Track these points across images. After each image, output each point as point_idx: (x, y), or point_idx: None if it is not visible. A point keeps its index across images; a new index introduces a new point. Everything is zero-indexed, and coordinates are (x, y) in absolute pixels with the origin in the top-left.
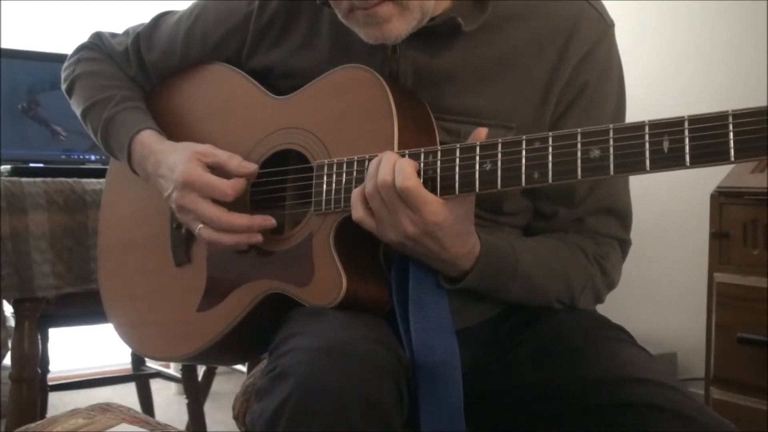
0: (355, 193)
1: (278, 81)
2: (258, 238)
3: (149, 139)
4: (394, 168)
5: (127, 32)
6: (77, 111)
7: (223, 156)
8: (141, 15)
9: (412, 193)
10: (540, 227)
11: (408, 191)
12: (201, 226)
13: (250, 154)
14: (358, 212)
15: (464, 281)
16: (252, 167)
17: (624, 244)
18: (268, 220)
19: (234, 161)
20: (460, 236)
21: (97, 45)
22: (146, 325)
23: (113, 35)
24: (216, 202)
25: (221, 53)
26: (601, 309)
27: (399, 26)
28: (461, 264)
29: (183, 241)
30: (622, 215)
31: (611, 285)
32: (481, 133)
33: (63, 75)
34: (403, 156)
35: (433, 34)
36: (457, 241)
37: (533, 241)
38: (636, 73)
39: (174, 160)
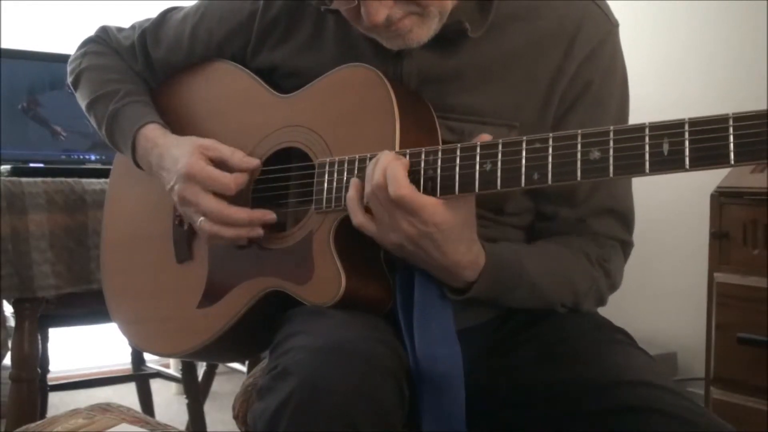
0: (350, 197)
1: (283, 80)
2: (258, 231)
3: (153, 133)
4: (386, 174)
5: (133, 27)
6: (82, 104)
7: (226, 151)
8: (142, 15)
9: (407, 201)
10: (542, 228)
11: (403, 200)
12: (202, 218)
13: (253, 152)
14: (357, 217)
15: (469, 292)
16: (254, 162)
17: (626, 246)
18: (268, 215)
19: (237, 156)
20: (461, 242)
21: (104, 39)
22: (147, 321)
23: (120, 29)
24: (218, 196)
25: (226, 51)
26: (602, 309)
27: (421, 33)
28: (465, 274)
29: (185, 238)
30: (623, 216)
31: (613, 287)
32: (484, 138)
33: (69, 68)
34: (404, 155)
35: (440, 37)
36: (457, 247)
37: (537, 248)
38: (636, 73)
39: (177, 153)
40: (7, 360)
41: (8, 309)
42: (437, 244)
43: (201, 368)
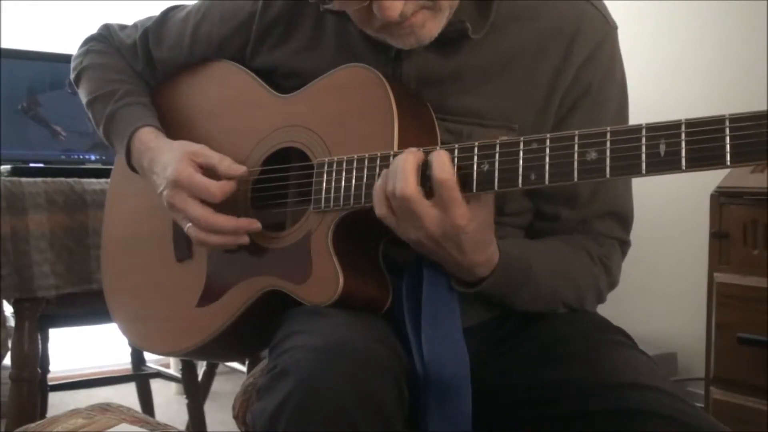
0: (377, 187)
1: (282, 80)
2: (244, 239)
3: (147, 137)
4: (433, 160)
5: (135, 25)
6: (83, 102)
7: (214, 157)
8: (143, 14)
9: (448, 187)
10: (543, 228)
11: (446, 184)
12: (189, 225)
13: (253, 152)
14: (381, 209)
15: (479, 287)
16: (241, 169)
17: (624, 245)
18: (254, 224)
19: (224, 163)
20: (480, 244)
21: (106, 37)
22: (146, 320)
23: (122, 27)
24: (205, 202)
25: (226, 51)
26: (602, 309)
27: (432, 28)
28: (478, 271)
29: (184, 237)
30: (624, 217)
31: (613, 285)
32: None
33: (72, 65)
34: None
35: (440, 38)
36: (477, 248)
37: (541, 245)
38: (636, 74)
39: (167, 158)
40: (7, 360)
41: (8, 309)
42: (459, 245)
43: (201, 368)
